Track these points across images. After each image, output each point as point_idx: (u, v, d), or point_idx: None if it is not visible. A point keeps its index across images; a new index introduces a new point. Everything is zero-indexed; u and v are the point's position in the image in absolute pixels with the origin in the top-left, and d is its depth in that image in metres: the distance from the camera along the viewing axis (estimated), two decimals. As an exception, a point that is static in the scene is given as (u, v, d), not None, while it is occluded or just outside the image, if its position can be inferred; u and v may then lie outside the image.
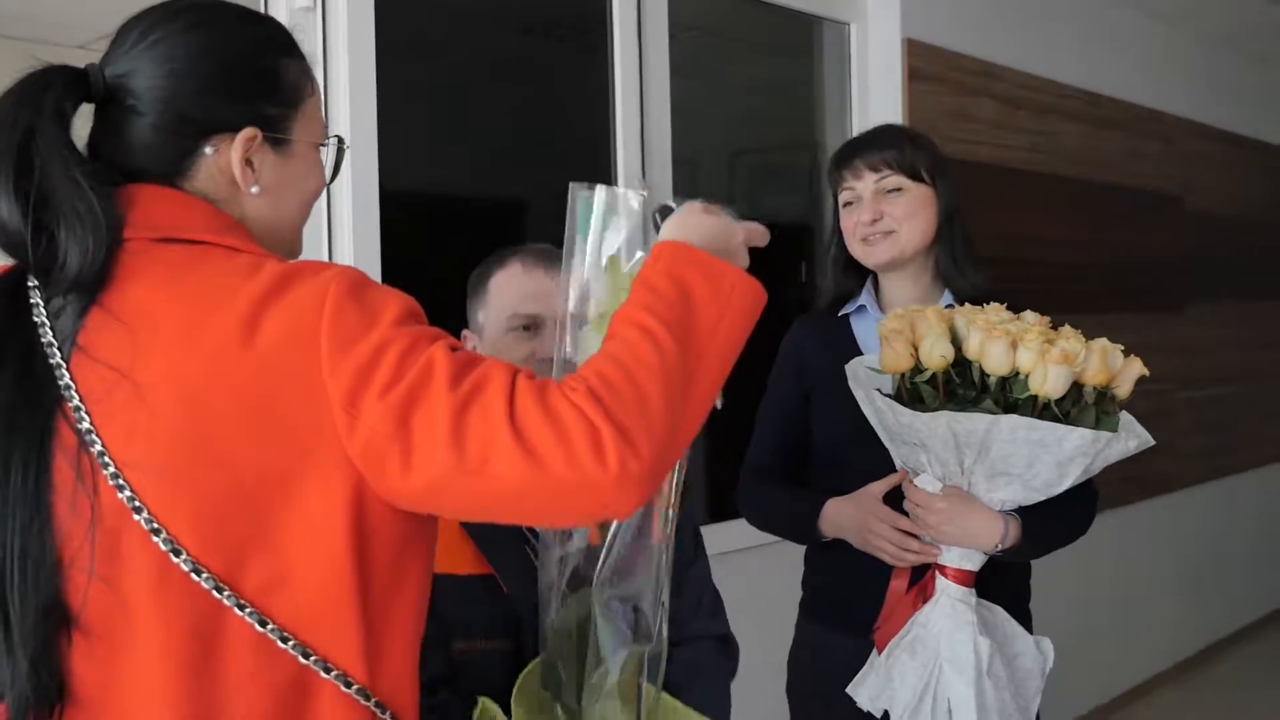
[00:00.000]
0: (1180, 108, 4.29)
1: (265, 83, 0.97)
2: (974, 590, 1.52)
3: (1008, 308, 1.51)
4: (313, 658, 0.85)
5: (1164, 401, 4.20)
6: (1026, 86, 3.50)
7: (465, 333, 1.49)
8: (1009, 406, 1.41)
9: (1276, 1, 4.04)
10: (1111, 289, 3.92)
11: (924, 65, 3.11)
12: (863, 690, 1.56)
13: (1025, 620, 1.67)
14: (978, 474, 1.46)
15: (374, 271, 2.06)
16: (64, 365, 0.85)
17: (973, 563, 1.52)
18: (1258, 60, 4.83)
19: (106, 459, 0.84)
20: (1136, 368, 1.48)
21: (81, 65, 0.94)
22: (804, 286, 3.04)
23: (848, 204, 1.72)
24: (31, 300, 0.88)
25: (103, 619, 0.85)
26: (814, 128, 3.19)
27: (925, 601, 1.53)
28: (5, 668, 0.84)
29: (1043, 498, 1.48)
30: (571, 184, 1.07)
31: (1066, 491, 1.48)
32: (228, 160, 0.94)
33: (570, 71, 2.60)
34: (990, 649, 1.49)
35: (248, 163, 0.95)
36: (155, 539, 0.83)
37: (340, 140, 1.05)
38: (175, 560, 0.83)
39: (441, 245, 2.33)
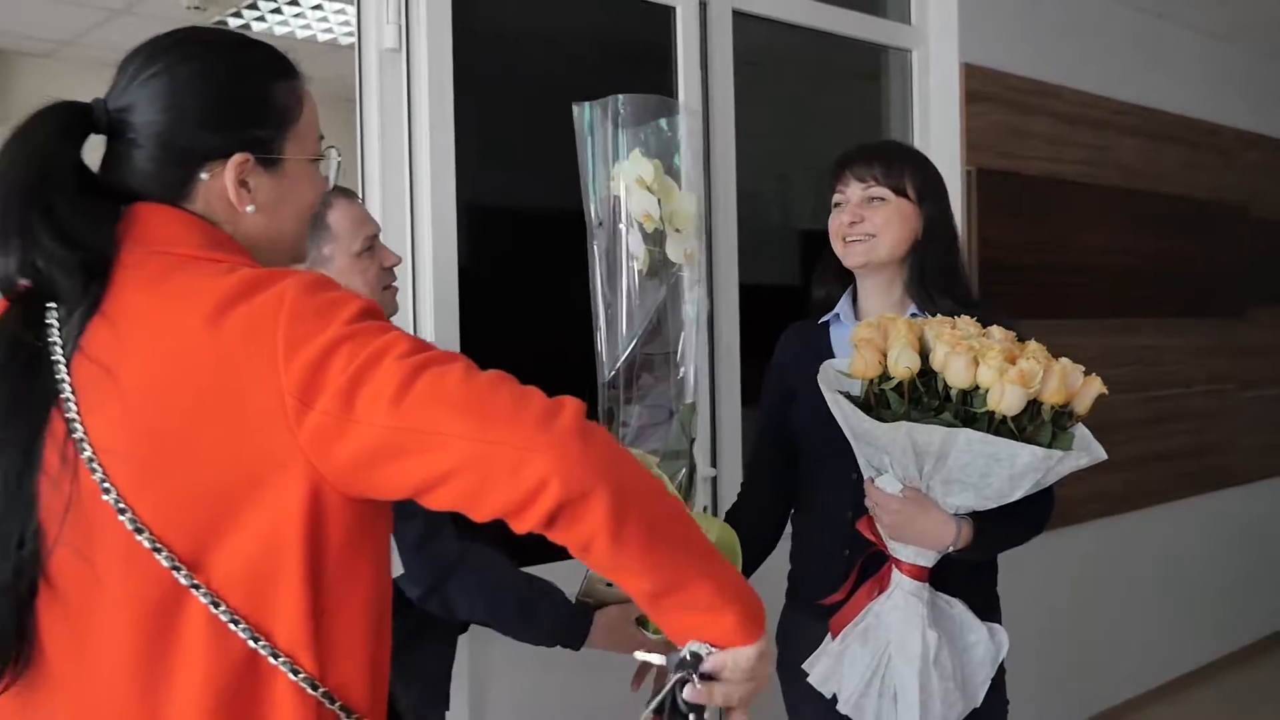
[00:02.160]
0: (1239, 120, 4.45)
1: (254, 108, 1.02)
2: (927, 584, 1.58)
3: (981, 320, 1.58)
4: (260, 642, 0.90)
5: (1225, 400, 4.40)
6: (1083, 104, 3.72)
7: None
8: (968, 419, 1.47)
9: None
10: (1171, 294, 4.11)
11: (981, 87, 3.38)
12: (816, 670, 1.65)
13: (991, 605, 1.76)
14: (935, 480, 1.52)
15: (451, 282, 2.29)
16: (65, 364, 0.92)
17: (926, 559, 1.58)
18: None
19: (85, 444, 0.90)
20: (1095, 387, 1.52)
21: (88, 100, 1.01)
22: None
23: (836, 205, 1.82)
24: (47, 307, 0.95)
25: (77, 589, 0.91)
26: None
27: (881, 592, 1.61)
28: None
29: (995, 505, 1.53)
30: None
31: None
32: (223, 184, 1.00)
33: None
34: (938, 641, 1.56)
35: (243, 184, 1.00)
36: (121, 518, 0.89)
37: (336, 151, 1.11)
38: (139, 539, 0.88)
39: (517, 255, 2.53)
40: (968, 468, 1.47)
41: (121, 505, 0.89)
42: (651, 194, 1.59)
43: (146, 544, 0.88)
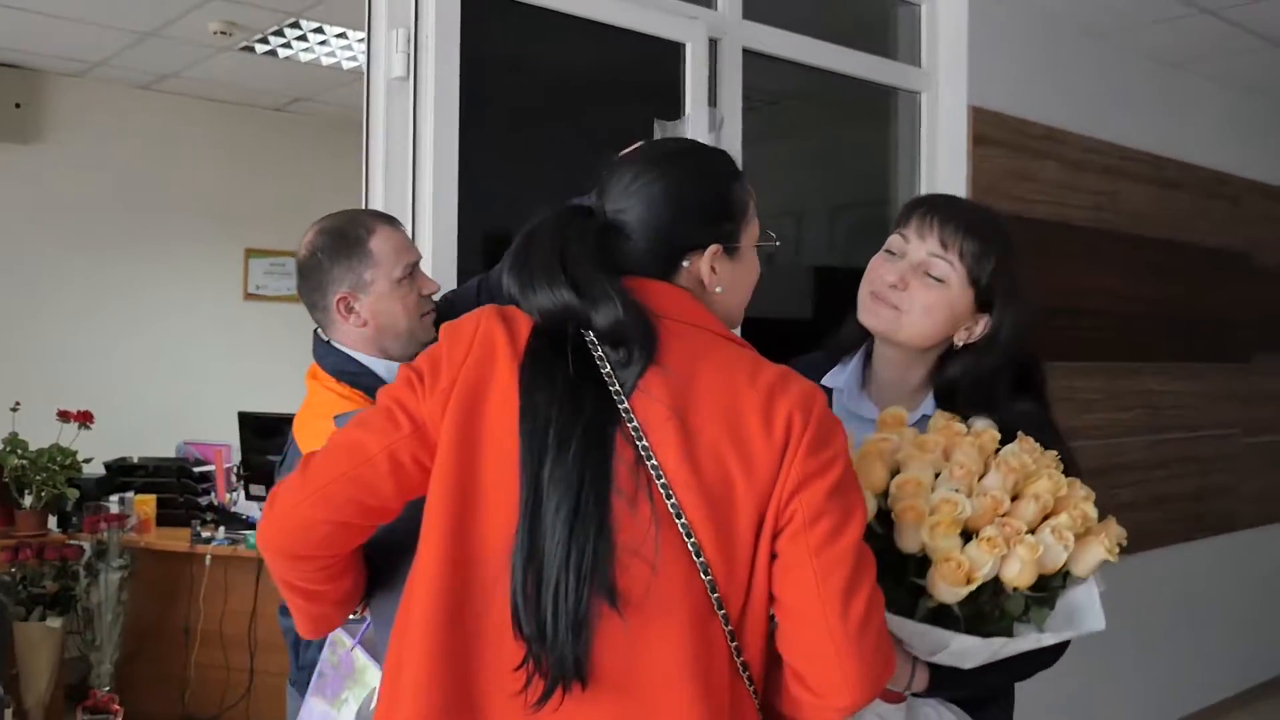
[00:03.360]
0: (1248, 170, 4.47)
1: (722, 207, 1.22)
2: (904, 705, 1.37)
3: (1023, 429, 1.34)
4: (753, 688, 1.12)
5: (1230, 446, 4.40)
6: (1091, 150, 3.74)
7: (341, 295, 1.65)
8: (914, 589, 1.27)
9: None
10: (1179, 339, 4.12)
11: (989, 130, 3.41)
12: None
13: (1004, 701, 1.53)
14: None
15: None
16: (624, 397, 1.10)
17: (899, 685, 1.35)
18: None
19: (661, 474, 1.07)
20: (1096, 551, 1.28)
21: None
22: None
23: (889, 252, 1.52)
24: (589, 341, 1.13)
25: (645, 595, 1.06)
26: (887, 187, 3.52)
27: None
28: (547, 638, 1.04)
29: (950, 665, 1.30)
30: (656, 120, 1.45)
31: None
32: (698, 269, 1.20)
33: (647, 136, 2.87)
34: None
35: (712, 269, 1.20)
36: (687, 540, 1.06)
37: (774, 238, 1.31)
38: (696, 560, 1.06)
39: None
40: (900, 629, 1.27)
41: (689, 531, 1.07)
42: None
43: (699, 565, 1.07)
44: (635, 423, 1.09)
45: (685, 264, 1.20)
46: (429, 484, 1.13)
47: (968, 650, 1.25)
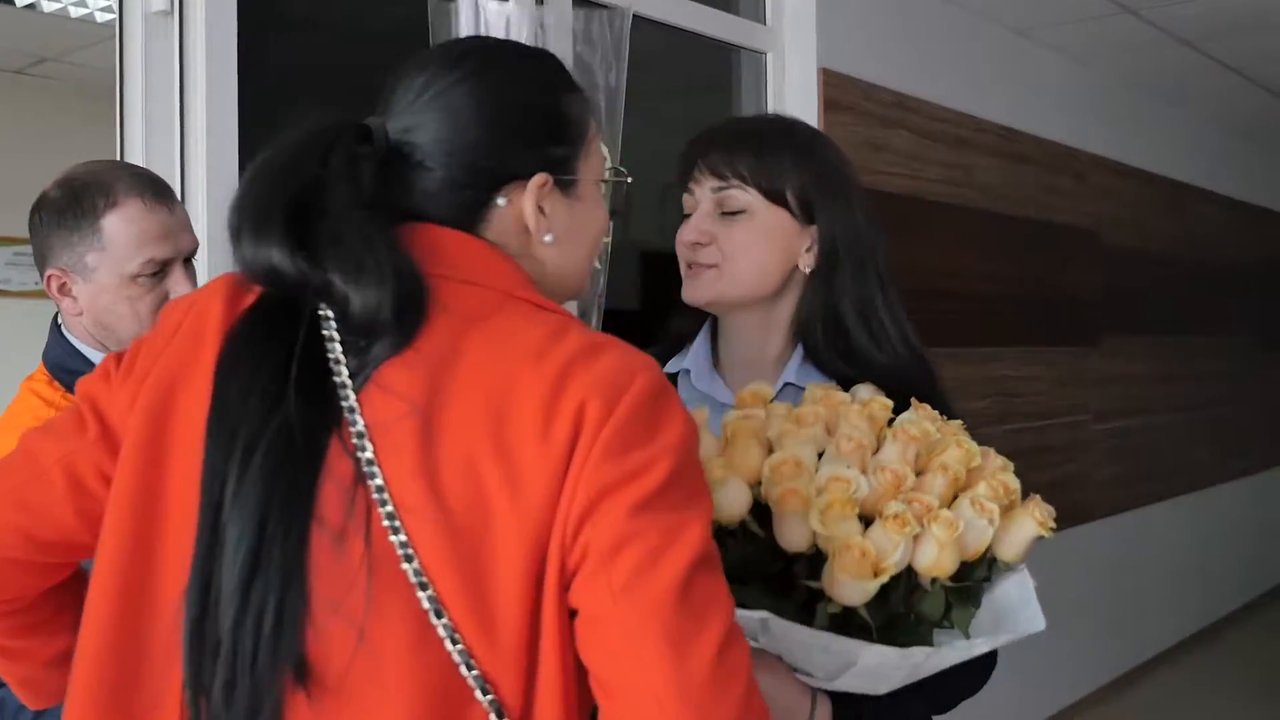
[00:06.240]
0: (1094, 145, 4.38)
1: (553, 125, 0.93)
2: None
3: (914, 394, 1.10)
4: None
5: (1080, 433, 4.26)
6: (941, 119, 3.54)
7: (52, 272, 1.37)
8: (810, 597, 1.02)
9: (1185, 45, 4.15)
10: (1029, 322, 3.98)
11: (840, 96, 3.12)
12: None
13: None
14: (773, 647, 1.05)
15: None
16: (351, 390, 0.80)
17: None
18: (1168, 101, 4.95)
19: (385, 496, 0.77)
20: (1028, 527, 1.05)
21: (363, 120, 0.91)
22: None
23: (685, 215, 1.31)
24: (320, 314, 0.83)
25: (345, 671, 0.76)
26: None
27: None
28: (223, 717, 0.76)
29: (861, 691, 1.06)
30: None
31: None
32: (520, 208, 0.90)
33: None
34: None
35: (539, 209, 0.91)
36: (421, 594, 0.75)
37: (623, 173, 1.01)
38: (435, 622, 0.75)
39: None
40: (793, 655, 1.03)
41: (423, 579, 0.75)
42: None
43: (442, 631, 0.75)
44: (360, 425, 0.78)
45: (501, 201, 0.90)
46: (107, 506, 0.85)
47: (882, 667, 0.98)
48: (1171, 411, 4.96)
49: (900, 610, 1.02)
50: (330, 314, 0.83)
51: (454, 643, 0.75)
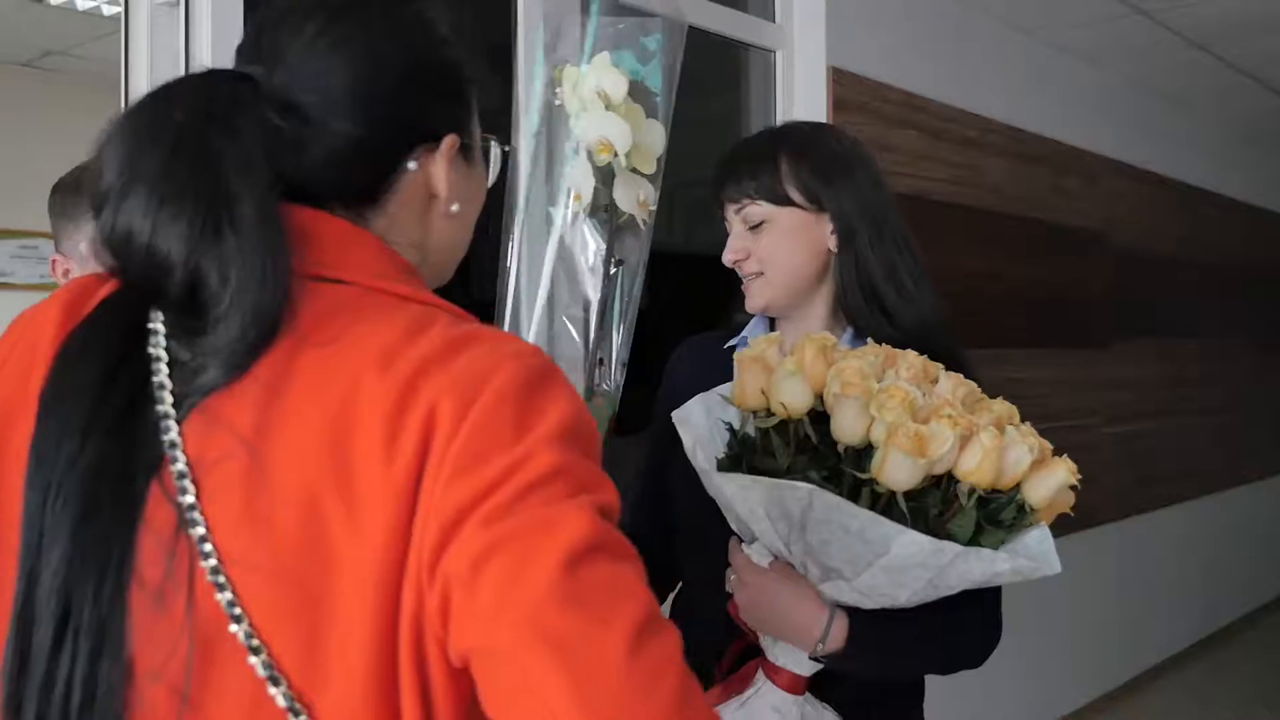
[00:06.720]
0: (1103, 146, 4.35)
1: (457, 82, 0.81)
2: (802, 699, 1.21)
3: (941, 359, 1.21)
4: None
5: (1089, 436, 4.23)
6: (950, 119, 3.51)
7: (56, 258, 1.47)
8: (855, 488, 1.09)
9: (1196, 47, 4.12)
10: (1038, 324, 3.94)
11: (849, 95, 3.10)
12: None
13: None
14: (801, 556, 1.14)
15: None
16: (172, 417, 0.68)
17: (803, 666, 1.20)
18: (1177, 103, 4.92)
19: (209, 547, 0.66)
20: (1059, 474, 1.12)
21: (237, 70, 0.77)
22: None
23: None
24: (150, 326, 0.71)
25: None
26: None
27: (736, 696, 1.23)
28: None
29: (880, 606, 1.14)
30: None
31: (946, 604, 1.13)
32: (430, 174, 0.79)
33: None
34: None
35: (449, 174, 0.80)
36: (253, 659, 0.65)
37: (502, 142, 0.89)
38: (272, 691, 0.65)
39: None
40: (830, 545, 1.08)
41: (255, 642, 0.65)
42: (614, 116, 1.35)
43: (281, 702, 0.64)
44: (182, 463, 0.67)
45: (413, 165, 0.78)
46: None
47: (909, 562, 1.05)
48: (1181, 415, 4.93)
49: (934, 525, 1.08)
50: (159, 326, 0.71)
51: (295, 714, 0.65)
